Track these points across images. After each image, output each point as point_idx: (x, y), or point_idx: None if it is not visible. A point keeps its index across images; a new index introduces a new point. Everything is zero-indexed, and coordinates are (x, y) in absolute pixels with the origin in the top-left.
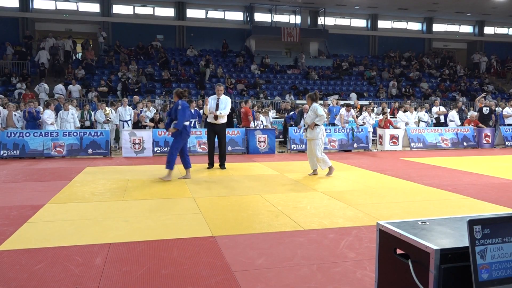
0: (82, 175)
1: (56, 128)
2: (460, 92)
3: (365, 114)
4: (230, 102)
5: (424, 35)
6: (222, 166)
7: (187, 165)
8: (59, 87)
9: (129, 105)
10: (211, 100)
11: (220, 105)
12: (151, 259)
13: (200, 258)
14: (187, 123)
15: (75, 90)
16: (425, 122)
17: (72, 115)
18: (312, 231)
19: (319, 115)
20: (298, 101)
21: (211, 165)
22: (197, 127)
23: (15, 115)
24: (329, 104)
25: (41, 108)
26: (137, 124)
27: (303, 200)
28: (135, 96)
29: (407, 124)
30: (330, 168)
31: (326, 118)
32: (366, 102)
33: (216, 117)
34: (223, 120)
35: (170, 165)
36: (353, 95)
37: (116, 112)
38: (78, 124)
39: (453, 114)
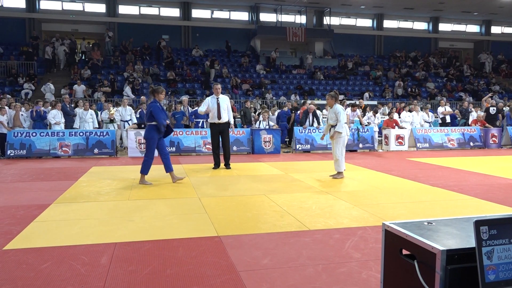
0: (88, 175)
1: (62, 128)
2: (467, 92)
3: (369, 114)
4: (229, 101)
5: (430, 35)
6: (227, 165)
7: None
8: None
9: (129, 105)
10: (210, 100)
11: (222, 105)
12: (156, 259)
13: (205, 258)
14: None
15: (80, 90)
16: (429, 122)
17: (91, 115)
18: (317, 231)
19: (340, 121)
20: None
21: (217, 165)
22: (205, 127)
23: (22, 114)
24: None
25: (50, 108)
26: (140, 125)
27: (308, 200)
28: (142, 97)
29: (412, 123)
30: (340, 174)
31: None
32: (374, 102)
33: (219, 117)
34: (227, 119)
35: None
36: (366, 95)
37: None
38: (97, 124)
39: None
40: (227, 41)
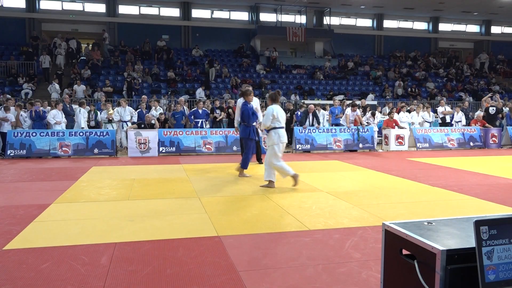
0: (88, 175)
1: (63, 128)
2: (467, 92)
3: (368, 115)
4: (259, 104)
5: (430, 35)
6: (259, 160)
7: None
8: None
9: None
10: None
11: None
12: (156, 259)
13: (205, 258)
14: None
15: (80, 90)
16: (429, 122)
17: (83, 113)
18: (317, 231)
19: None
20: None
21: (259, 160)
22: (204, 127)
23: (21, 115)
24: (332, 105)
25: (49, 108)
26: (140, 125)
27: (308, 200)
28: (143, 96)
29: (412, 124)
30: (295, 177)
31: (328, 119)
32: (375, 102)
33: None
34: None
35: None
36: (370, 96)
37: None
38: (83, 124)
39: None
40: (243, 44)
